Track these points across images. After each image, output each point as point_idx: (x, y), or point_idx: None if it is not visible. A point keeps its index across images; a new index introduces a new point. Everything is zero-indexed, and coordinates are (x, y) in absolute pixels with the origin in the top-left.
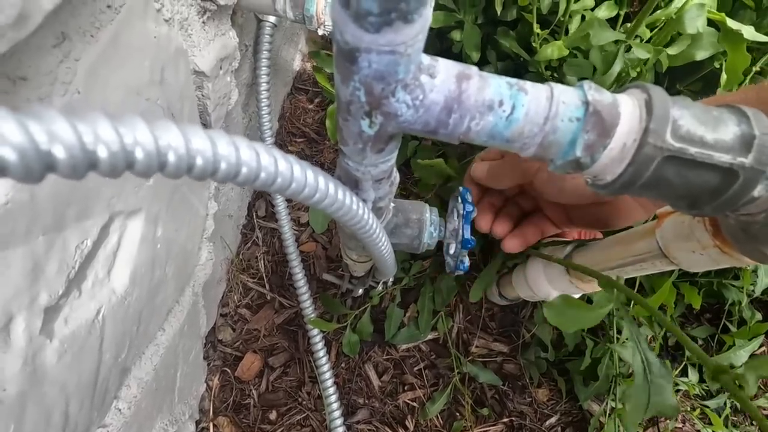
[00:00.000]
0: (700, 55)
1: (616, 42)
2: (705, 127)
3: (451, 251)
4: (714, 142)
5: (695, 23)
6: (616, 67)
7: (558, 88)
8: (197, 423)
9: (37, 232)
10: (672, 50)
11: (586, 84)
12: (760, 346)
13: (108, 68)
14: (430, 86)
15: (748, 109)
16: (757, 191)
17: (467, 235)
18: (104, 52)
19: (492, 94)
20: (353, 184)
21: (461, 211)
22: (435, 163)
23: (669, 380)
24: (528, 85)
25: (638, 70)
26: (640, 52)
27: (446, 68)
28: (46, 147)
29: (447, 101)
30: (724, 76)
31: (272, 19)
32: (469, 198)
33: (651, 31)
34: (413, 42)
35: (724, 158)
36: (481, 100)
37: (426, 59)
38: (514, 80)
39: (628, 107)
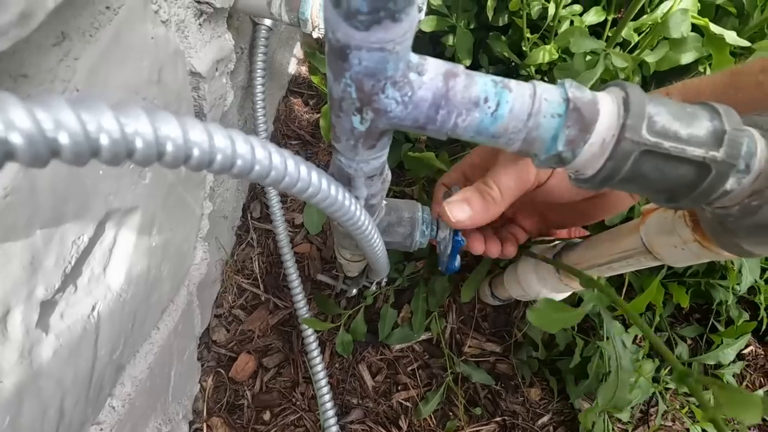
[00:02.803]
0: (686, 58)
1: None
2: (679, 123)
3: (443, 250)
4: (688, 137)
5: (680, 28)
6: (597, 72)
7: (541, 86)
8: (191, 423)
9: (36, 226)
10: (651, 57)
11: (567, 82)
12: (747, 345)
13: (107, 67)
14: (419, 83)
15: (720, 105)
16: (729, 184)
17: (458, 236)
18: (103, 51)
19: (478, 91)
20: (346, 181)
21: None
22: (424, 156)
23: (630, 376)
24: (512, 83)
25: (626, 74)
26: (618, 61)
27: (434, 66)
28: (52, 134)
29: (435, 98)
30: None
31: (268, 22)
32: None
33: (639, 36)
34: (402, 40)
35: (696, 152)
36: (468, 97)
37: (415, 58)
38: (499, 78)
39: (606, 104)
